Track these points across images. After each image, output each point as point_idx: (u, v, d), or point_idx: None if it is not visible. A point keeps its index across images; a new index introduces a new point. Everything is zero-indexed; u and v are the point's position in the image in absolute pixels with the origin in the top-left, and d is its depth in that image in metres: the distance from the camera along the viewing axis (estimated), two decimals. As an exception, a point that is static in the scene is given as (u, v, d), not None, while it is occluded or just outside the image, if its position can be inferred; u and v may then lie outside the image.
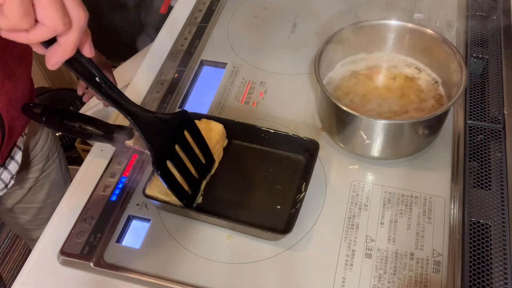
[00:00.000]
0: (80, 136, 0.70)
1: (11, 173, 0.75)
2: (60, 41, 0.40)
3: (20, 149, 0.76)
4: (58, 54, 0.41)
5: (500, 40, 0.83)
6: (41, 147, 0.86)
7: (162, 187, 0.62)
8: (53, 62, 0.42)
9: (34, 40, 0.39)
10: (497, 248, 0.58)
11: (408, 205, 0.64)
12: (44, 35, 0.38)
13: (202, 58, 0.86)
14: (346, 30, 0.73)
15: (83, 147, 1.55)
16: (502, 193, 0.63)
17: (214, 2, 0.96)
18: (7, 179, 0.75)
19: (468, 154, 0.68)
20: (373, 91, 0.73)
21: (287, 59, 0.85)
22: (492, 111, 0.73)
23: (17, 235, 1.62)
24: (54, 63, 0.42)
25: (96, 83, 0.49)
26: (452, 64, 0.68)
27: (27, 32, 0.38)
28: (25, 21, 0.36)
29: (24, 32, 0.38)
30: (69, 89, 1.76)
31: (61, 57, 0.41)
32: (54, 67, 0.42)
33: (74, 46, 0.41)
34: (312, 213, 0.64)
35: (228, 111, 0.77)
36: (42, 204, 0.91)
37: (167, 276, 0.59)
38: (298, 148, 0.68)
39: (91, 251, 0.61)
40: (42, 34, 0.38)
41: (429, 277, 0.58)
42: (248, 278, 0.59)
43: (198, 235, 0.63)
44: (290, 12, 0.93)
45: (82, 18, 0.40)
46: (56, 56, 0.41)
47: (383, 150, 0.67)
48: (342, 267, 0.59)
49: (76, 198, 0.68)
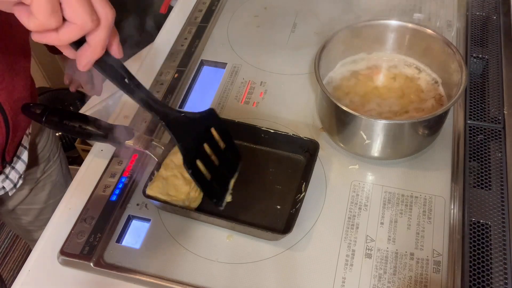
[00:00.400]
0: (80, 136, 0.70)
1: (18, 172, 0.75)
2: (89, 41, 0.40)
3: (26, 148, 0.76)
4: (88, 54, 0.41)
5: (500, 40, 0.83)
6: (42, 148, 0.86)
7: (163, 188, 0.63)
8: (84, 63, 0.42)
9: (64, 39, 0.39)
10: (497, 248, 0.58)
11: (408, 205, 0.64)
12: (74, 34, 0.39)
13: (202, 58, 0.86)
14: (346, 30, 0.73)
15: (83, 147, 1.55)
16: (502, 193, 0.63)
17: (214, 2, 0.96)
18: (15, 178, 0.75)
19: (468, 154, 0.68)
20: (373, 91, 0.73)
21: (287, 59, 0.85)
22: (492, 111, 0.73)
23: (17, 235, 1.62)
24: (85, 63, 0.42)
25: (125, 84, 0.49)
26: (452, 64, 0.68)
27: (57, 32, 0.38)
28: (53, 19, 0.36)
29: (54, 33, 0.38)
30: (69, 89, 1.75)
31: (91, 56, 0.41)
32: (86, 67, 0.42)
33: (103, 44, 0.41)
34: (312, 213, 0.64)
35: (228, 111, 0.77)
36: (44, 205, 0.91)
37: (167, 276, 0.59)
38: (298, 148, 0.68)
39: (91, 251, 0.61)
40: (72, 33, 0.38)
41: (429, 277, 0.58)
42: (248, 278, 0.59)
43: (198, 235, 0.63)
44: (290, 12, 0.94)
45: (110, 16, 0.40)
46: (87, 56, 0.41)
47: (383, 150, 0.67)
48: (342, 267, 0.59)
49: (76, 198, 0.68)
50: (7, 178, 0.74)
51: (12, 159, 0.73)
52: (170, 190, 0.63)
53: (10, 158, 0.72)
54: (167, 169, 0.64)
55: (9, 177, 0.74)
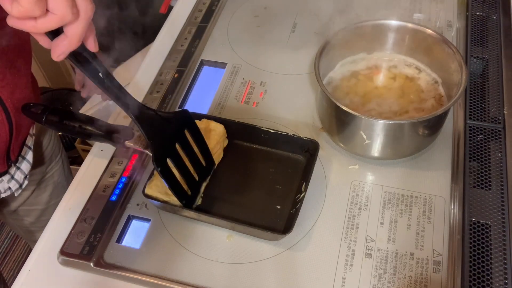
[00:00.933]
0: (80, 136, 0.70)
1: (24, 173, 0.76)
2: (66, 32, 0.41)
3: (30, 148, 0.77)
4: (64, 45, 0.42)
5: (500, 40, 0.83)
6: (45, 148, 0.86)
7: (162, 187, 0.62)
8: (58, 53, 0.43)
9: (41, 28, 0.39)
10: (497, 248, 0.58)
11: (408, 205, 0.64)
12: (52, 23, 0.39)
13: (202, 58, 0.86)
14: (346, 30, 0.73)
15: (83, 147, 1.55)
16: (502, 193, 0.63)
17: (214, 2, 0.96)
18: (20, 179, 0.75)
19: (468, 154, 0.68)
20: (373, 91, 0.73)
21: (287, 59, 0.85)
22: (492, 111, 0.73)
23: (17, 235, 1.62)
24: (60, 53, 0.43)
25: (99, 78, 0.50)
26: (452, 64, 0.68)
27: (35, 21, 0.39)
28: (38, 8, 0.37)
29: (33, 21, 0.39)
30: (69, 89, 1.76)
31: (67, 47, 0.42)
32: (59, 58, 0.43)
33: (80, 37, 0.42)
34: (312, 213, 0.64)
35: (228, 111, 0.77)
36: (45, 206, 0.91)
37: (167, 276, 0.59)
38: (298, 148, 0.68)
39: (91, 251, 0.61)
40: (51, 23, 0.39)
41: (429, 277, 0.58)
42: (248, 278, 0.59)
43: (198, 235, 0.63)
44: (290, 12, 0.93)
45: (89, 10, 0.41)
46: (62, 47, 0.42)
47: (383, 150, 0.67)
48: (342, 267, 0.59)
49: (76, 198, 0.68)
50: (13, 179, 0.74)
51: (17, 158, 0.73)
52: (170, 190, 0.63)
53: (15, 157, 0.72)
54: (167, 169, 0.64)
55: (14, 178, 0.74)
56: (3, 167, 0.71)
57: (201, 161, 0.65)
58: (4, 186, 0.73)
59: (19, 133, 0.69)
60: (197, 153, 0.64)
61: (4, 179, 0.73)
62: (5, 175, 0.72)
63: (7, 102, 0.64)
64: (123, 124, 0.71)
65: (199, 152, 0.64)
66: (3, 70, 0.63)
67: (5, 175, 0.73)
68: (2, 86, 0.63)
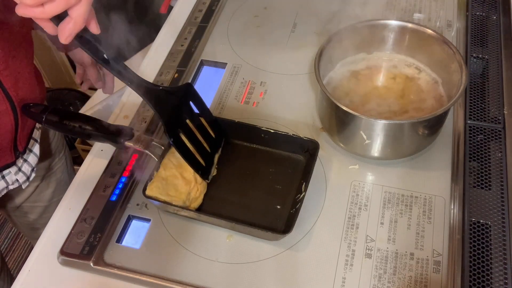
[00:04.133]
0: (80, 136, 0.71)
1: (31, 165, 0.76)
2: (71, 14, 0.45)
3: (37, 142, 0.77)
4: (70, 27, 0.45)
5: (500, 40, 0.83)
6: (50, 142, 0.87)
7: (162, 188, 0.63)
8: (66, 35, 0.46)
9: (49, 12, 0.43)
10: (497, 248, 0.58)
11: (408, 205, 0.64)
12: (59, 7, 0.43)
13: (202, 58, 0.86)
14: (346, 30, 0.73)
15: (83, 147, 1.55)
16: (502, 193, 0.63)
17: (214, 2, 0.96)
18: (28, 171, 0.76)
19: (468, 154, 0.68)
20: (373, 91, 0.73)
21: (287, 59, 0.85)
22: (492, 111, 0.73)
23: (17, 235, 1.62)
24: (68, 35, 0.46)
25: (104, 59, 0.53)
26: (452, 64, 0.68)
27: (43, 7, 0.43)
28: None
29: (40, 7, 0.43)
30: (69, 89, 1.76)
31: (73, 29, 0.46)
32: (67, 40, 0.46)
33: (84, 17, 0.45)
34: (312, 213, 0.64)
35: (228, 111, 0.77)
36: (48, 203, 0.92)
37: (167, 276, 0.59)
38: (298, 148, 0.68)
39: (91, 251, 0.61)
40: (58, 6, 0.43)
41: (429, 277, 0.58)
42: (248, 278, 0.59)
43: (198, 235, 0.63)
44: (290, 12, 0.93)
45: None
46: (69, 29, 0.46)
47: (383, 150, 0.67)
48: (342, 267, 0.59)
49: (76, 198, 0.68)
50: (20, 171, 0.75)
51: (25, 150, 0.74)
52: (170, 190, 0.63)
53: (22, 148, 0.73)
54: (166, 169, 0.64)
55: (22, 170, 0.75)
56: (11, 158, 0.71)
57: (210, 132, 0.67)
58: (12, 178, 0.74)
59: (25, 123, 0.70)
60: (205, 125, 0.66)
61: (11, 171, 0.73)
62: (12, 166, 0.73)
63: (10, 91, 0.64)
64: (123, 124, 0.71)
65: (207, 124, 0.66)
66: (5, 59, 0.63)
67: (13, 167, 0.73)
68: (5, 76, 0.63)
